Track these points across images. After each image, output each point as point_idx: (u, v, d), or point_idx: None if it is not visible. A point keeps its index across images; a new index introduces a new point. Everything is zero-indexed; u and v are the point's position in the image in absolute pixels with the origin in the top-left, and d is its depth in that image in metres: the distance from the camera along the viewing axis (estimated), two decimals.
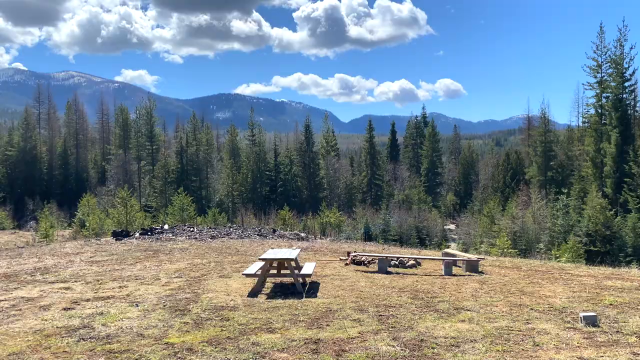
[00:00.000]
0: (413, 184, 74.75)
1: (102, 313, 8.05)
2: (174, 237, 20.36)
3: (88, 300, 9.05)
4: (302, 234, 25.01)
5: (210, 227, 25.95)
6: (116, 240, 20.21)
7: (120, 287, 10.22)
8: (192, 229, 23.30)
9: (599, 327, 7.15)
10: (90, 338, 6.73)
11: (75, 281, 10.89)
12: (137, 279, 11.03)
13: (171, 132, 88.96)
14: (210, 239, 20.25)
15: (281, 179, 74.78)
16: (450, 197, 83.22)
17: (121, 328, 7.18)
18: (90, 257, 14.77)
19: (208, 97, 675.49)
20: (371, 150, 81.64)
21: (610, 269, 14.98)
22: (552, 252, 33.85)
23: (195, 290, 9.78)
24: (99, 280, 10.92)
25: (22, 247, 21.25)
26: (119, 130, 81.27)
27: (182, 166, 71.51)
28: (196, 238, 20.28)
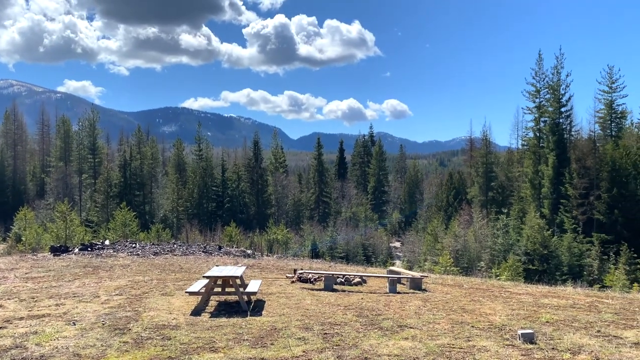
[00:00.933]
0: (360, 201, 75.61)
1: (36, 332, 7.71)
2: (115, 253, 19.78)
3: (22, 318, 8.64)
4: (249, 251, 24.80)
5: (153, 244, 25.36)
6: (54, 255, 19.44)
7: (56, 304, 9.82)
8: (134, 245, 22.71)
9: (536, 344, 7.39)
10: (22, 359, 6.43)
11: (8, 299, 10.40)
12: (75, 297, 10.64)
13: (115, 145, 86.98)
14: (153, 255, 19.78)
15: (228, 195, 74.00)
16: (395, 215, 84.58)
17: (56, 348, 6.89)
18: (26, 273, 14.14)
19: (154, 110, 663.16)
20: (319, 168, 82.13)
21: (547, 287, 15.57)
22: (493, 270, 34.89)
23: (136, 309, 9.52)
24: (34, 298, 10.47)
25: None
26: (60, 142, 78.82)
27: (126, 180, 69.76)
28: (138, 254, 19.78)
